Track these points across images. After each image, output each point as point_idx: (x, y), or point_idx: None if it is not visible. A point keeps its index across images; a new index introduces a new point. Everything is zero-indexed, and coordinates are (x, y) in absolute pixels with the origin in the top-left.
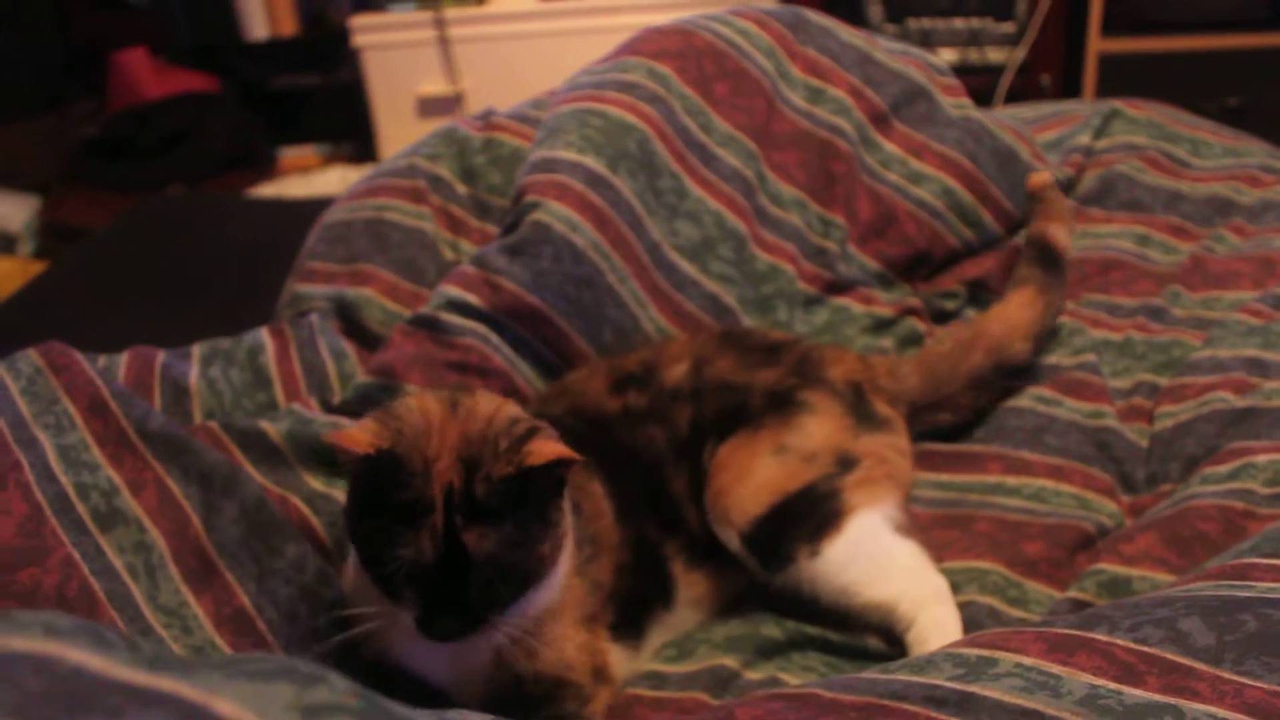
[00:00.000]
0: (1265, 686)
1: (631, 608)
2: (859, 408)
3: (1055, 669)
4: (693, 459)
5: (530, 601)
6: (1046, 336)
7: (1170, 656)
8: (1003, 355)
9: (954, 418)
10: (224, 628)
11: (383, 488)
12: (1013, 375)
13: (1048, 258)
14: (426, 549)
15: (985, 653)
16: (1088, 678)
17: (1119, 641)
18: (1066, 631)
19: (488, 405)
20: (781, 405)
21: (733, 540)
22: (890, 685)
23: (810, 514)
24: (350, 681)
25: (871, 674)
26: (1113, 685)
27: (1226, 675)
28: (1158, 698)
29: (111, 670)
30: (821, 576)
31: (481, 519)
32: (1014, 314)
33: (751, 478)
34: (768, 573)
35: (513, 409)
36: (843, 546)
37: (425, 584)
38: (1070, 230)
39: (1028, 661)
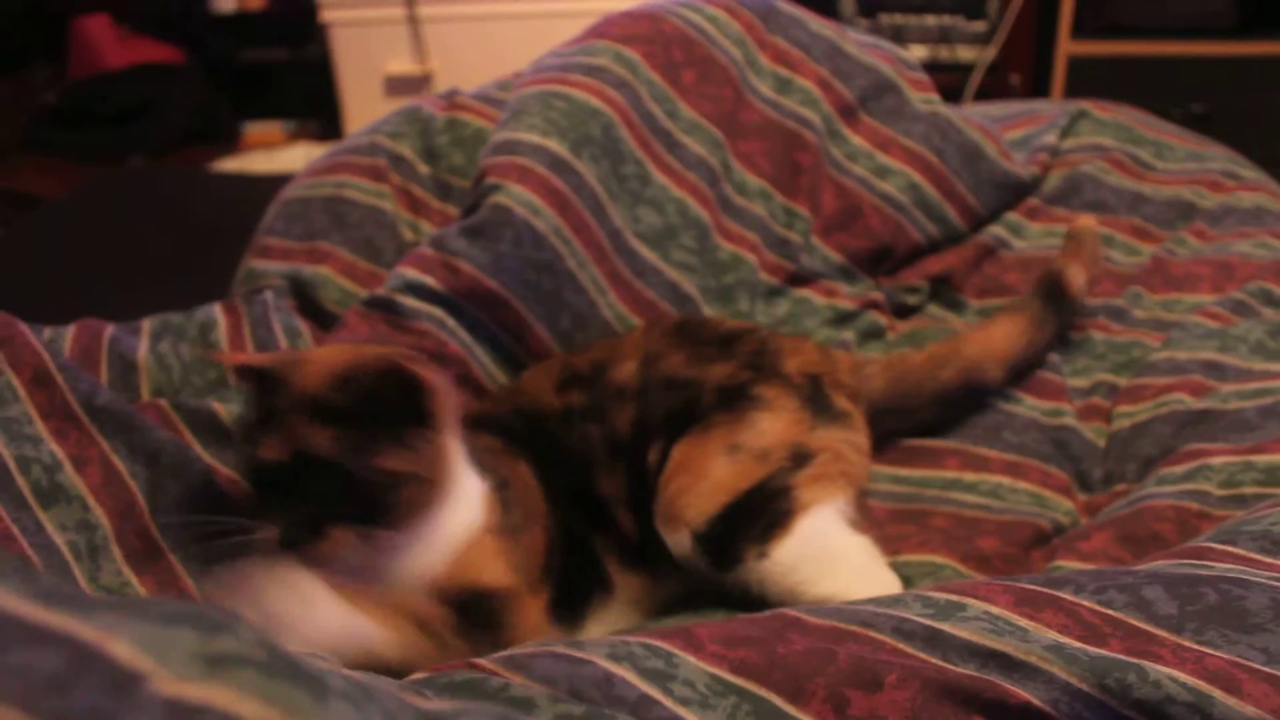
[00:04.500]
0: (1225, 656)
1: (569, 590)
2: (816, 400)
3: (1022, 621)
4: (632, 460)
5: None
6: (1024, 367)
7: (1133, 621)
8: (974, 377)
9: (911, 427)
10: None
11: (261, 400)
12: (980, 396)
13: (1054, 295)
14: (275, 446)
15: (953, 597)
16: (1054, 634)
17: (1084, 602)
18: (1033, 587)
19: None
20: (734, 401)
21: (684, 542)
22: (858, 614)
23: (761, 513)
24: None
25: (838, 605)
26: (1077, 644)
27: (1188, 644)
28: (1122, 658)
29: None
30: (769, 577)
31: (324, 419)
32: (996, 341)
33: (705, 479)
34: (719, 573)
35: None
36: (791, 547)
37: (275, 486)
38: (1091, 277)
39: (995, 610)
